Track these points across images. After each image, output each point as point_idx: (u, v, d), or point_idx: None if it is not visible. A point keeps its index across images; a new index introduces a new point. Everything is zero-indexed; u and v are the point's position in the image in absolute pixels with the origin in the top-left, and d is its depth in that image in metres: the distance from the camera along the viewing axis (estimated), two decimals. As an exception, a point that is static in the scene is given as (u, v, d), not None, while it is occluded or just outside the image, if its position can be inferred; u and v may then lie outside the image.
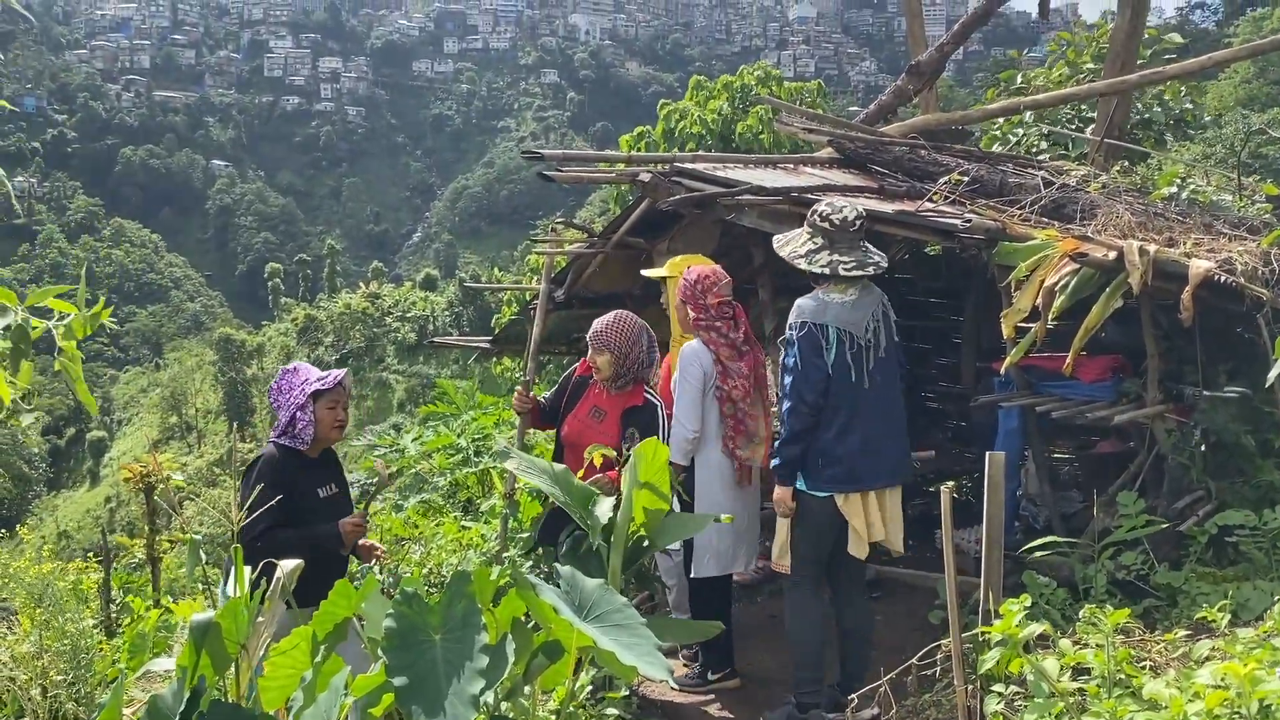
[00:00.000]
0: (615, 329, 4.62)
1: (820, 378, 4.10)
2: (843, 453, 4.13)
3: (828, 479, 4.17)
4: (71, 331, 2.30)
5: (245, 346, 59.59)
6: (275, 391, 4.05)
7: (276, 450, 4.00)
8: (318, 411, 3.98)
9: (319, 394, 3.97)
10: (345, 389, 4.09)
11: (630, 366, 4.64)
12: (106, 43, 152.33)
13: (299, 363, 4.17)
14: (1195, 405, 4.67)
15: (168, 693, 2.60)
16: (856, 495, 4.16)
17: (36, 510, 49.63)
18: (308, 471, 4.03)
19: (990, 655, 2.41)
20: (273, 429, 4.09)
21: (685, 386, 4.65)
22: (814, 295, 4.21)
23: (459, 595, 2.50)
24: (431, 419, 9.16)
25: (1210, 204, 5.80)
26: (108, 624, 6.31)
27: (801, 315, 4.16)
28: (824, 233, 4.20)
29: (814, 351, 4.10)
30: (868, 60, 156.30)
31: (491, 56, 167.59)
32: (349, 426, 4.26)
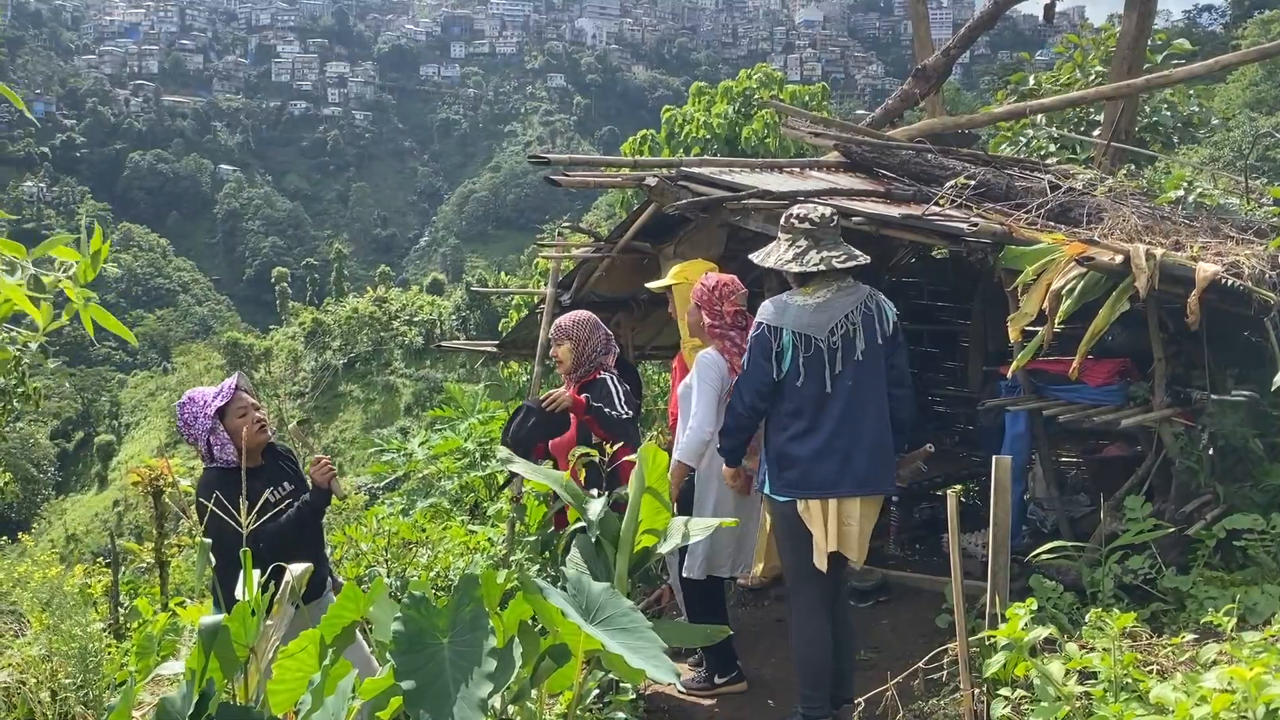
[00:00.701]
0: (573, 321, 5.02)
1: (765, 381, 4.06)
2: (799, 457, 4.05)
3: (785, 483, 4.11)
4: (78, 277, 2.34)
5: (253, 350, 59.59)
6: (183, 426, 3.96)
7: (212, 473, 3.91)
8: (230, 426, 3.90)
9: (222, 410, 3.90)
10: (245, 390, 4.01)
11: (589, 354, 4.96)
12: (115, 48, 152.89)
13: (190, 391, 4.04)
14: (1203, 409, 4.67)
15: (176, 696, 2.61)
16: (816, 502, 4.05)
17: (45, 513, 49.71)
18: (250, 483, 3.87)
19: (996, 659, 2.41)
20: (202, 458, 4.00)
21: (704, 389, 4.65)
22: (777, 298, 4.15)
23: (467, 599, 2.51)
24: (438, 423, 9.18)
25: (1217, 207, 5.79)
26: (116, 627, 6.33)
27: (760, 316, 4.12)
28: (805, 234, 4.10)
29: (763, 354, 4.05)
30: (874, 64, 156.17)
31: (498, 61, 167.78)
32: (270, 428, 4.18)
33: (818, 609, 4.20)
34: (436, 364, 52.30)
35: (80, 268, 2.33)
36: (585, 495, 3.84)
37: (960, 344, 7.86)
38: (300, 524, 3.96)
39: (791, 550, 4.21)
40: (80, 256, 2.36)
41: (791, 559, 4.23)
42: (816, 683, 4.18)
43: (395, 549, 6.06)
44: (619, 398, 4.87)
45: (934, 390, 8.08)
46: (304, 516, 3.95)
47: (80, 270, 2.33)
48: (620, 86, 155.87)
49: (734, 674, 4.96)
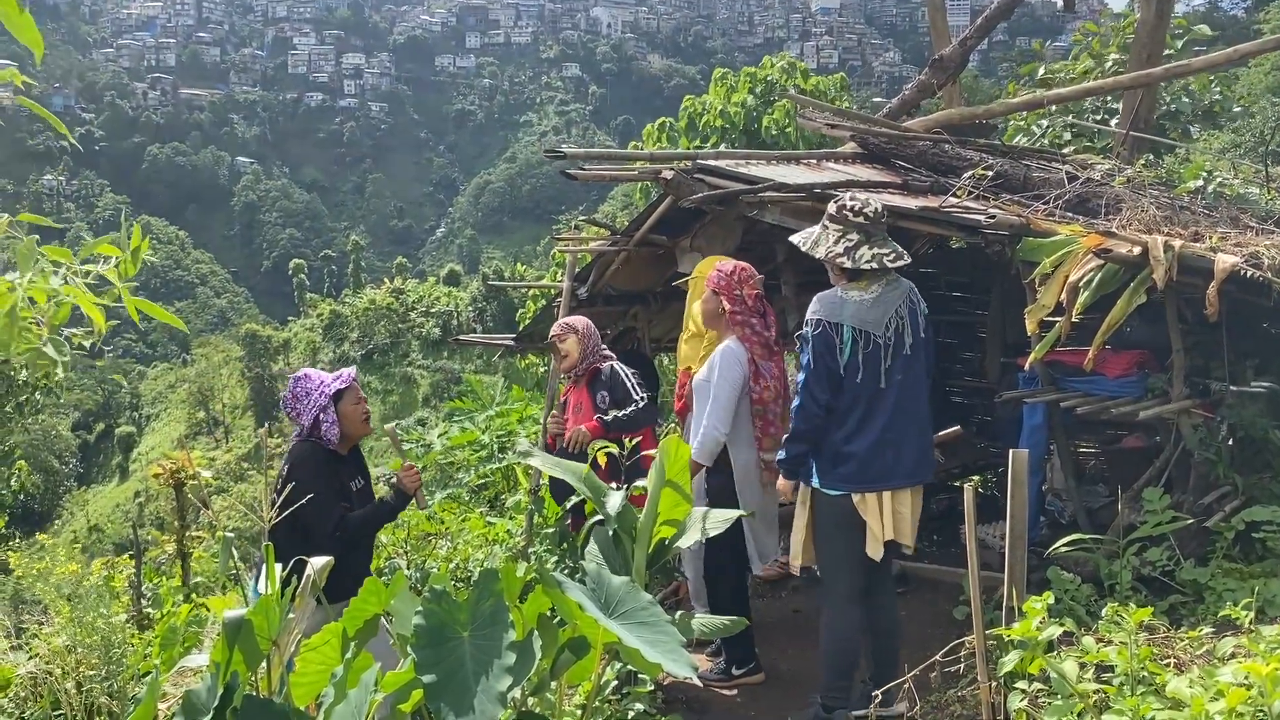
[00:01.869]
0: (577, 319, 5.32)
1: (833, 377, 4.04)
2: (856, 451, 4.06)
3: (841, 477, 4.10)
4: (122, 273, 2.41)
5: (271, 342, 59.96)
6: (292, 400, 4.06)
7: (308, 447, 4.03)
8: (342, 409, 4.03)
9: (339, 393, 4.03)
10: (358, 384, 4.17)
11: (592, 348, 5.21)
12: (133, 41, 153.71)
13: (306, 369, 4.20)
14: (1222, 400, 4.65)
15: (201, 688, 2.65)
16: (872, 495, 4.08)
17: (67, 504, 50.19)
18: (340, 467, 4.10)
19: (1010, 657, 2.42)
20: (295, 433, 4.11)
21: (723, 387, 4.67)
22: (832, 292, 4.12)
23: (487, 593, 2.53)
24: (456, 414, 9.21)
25: (1237, 197, 5.75)
26: (139, 618, 6.40)
27: (817, 313, 4.08)
28: (859, 227, 4.08)
29: (827, 350, 4.02)
30: (891, 51, 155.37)
31: (513, 51, 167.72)
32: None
33: (854, 600, 4.22)
34: (454, 355, 52.49)
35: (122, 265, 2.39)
36: (604, 488, 3.87)
37: (978, 335, 7.83)
38: (379, 522, 4.09)
39: (835, 542, 4.19)
40: (121, 252, 2.43)
41: (832, 550, 4.21)
42: (842, 674, 4.20)
43: (414, 540, 6.10)
44: (630, 381, 5.08)
45: (951, 381, 8.06)
46: (383, 515, 4.10)
47: (122, 266, 2.39)
48: (635, 76, 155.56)
49: (751, 665, 4.98)
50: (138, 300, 2.43)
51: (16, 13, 2.01)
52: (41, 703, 4.94)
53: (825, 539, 4.22)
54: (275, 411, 51.96)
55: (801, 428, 4.11)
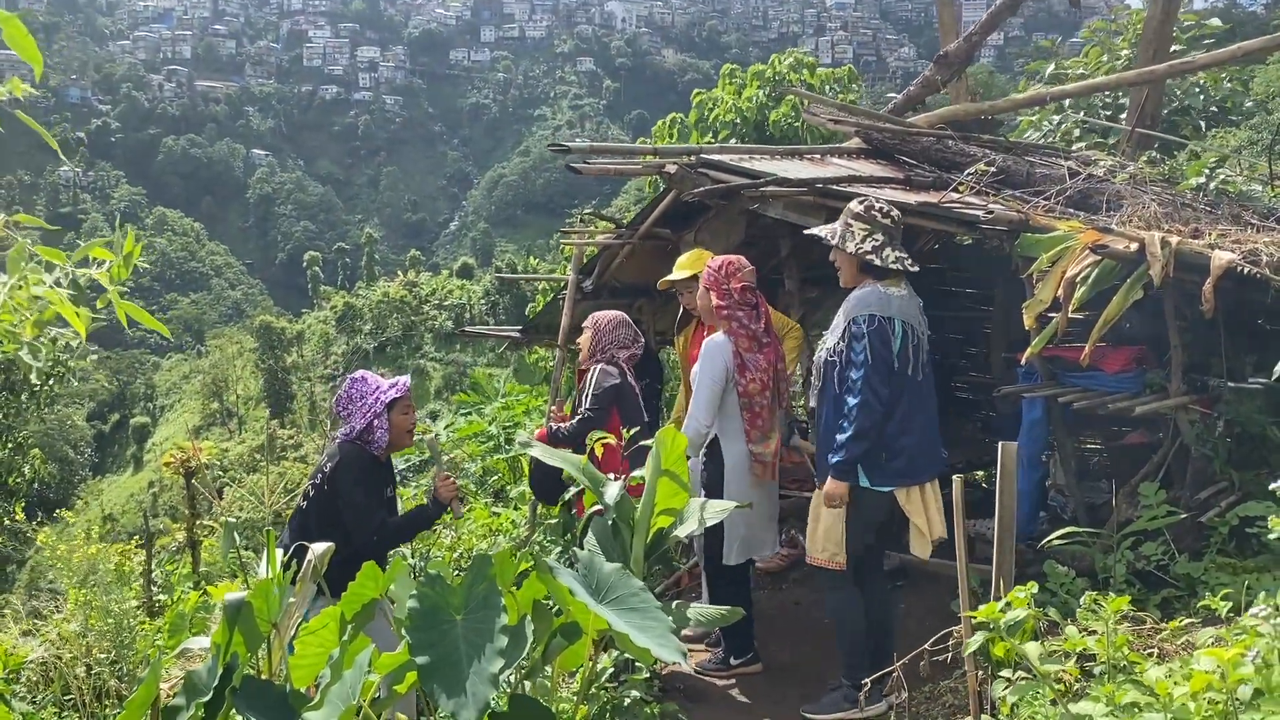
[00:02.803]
0: (600, 315, 5.33)
1: (890, 371, 4.11)
2: (905, 445, 4.16)
3: (891, 473, 4.18)
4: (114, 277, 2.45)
5: (285, 334, 60.18)
6: (346, 400, 4.11)
7: (354, 451, 4.07)
8: (393, 418, 4.08)
9: (393, 402, 4.07)
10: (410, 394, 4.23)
11: (602, 345, 5.21)
12: (149, 33, 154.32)
13: (364, 371, 4.24)
14: (1220, 396, 4.67)
15: (203, 669, 2.71)
16: (915, 490, 4.19)
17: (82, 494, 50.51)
18: (379, 473, 4.16)
19: (975, 639, 2.46)
20: (340, 433, 4.16)
21: (704, 381, 4.73)
22: (874, 289, 4.19)
23: (480, 577, 2.59)
24: (464, 407, 9.28)
25: (1240, 194, 5.76)
26: (149, 605, 6.48)
27: (869, 308, 4.15)
28: (885, 229, 4.22)
29: (884, 345, 4.10)
30: (906, 46, 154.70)
31: (528, 45, 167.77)
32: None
33: (857, 589, 4.37)
34: (466, 349, 52.61)
35: (114, 268, 2.43)
36: (603, 478, 3.92)
37: (983, 331, 7.85)
38: (415, 529, 4.16)
39: (863, 538, 4.30)
40: (114, 256, 2.47)
41: (859, 546, 4.30)
42: (863, 652, 4.32)
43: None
44: (591, 391, 5.09)
45: (956, 377, 8.09)
46: (419, 523, 4.16)
47: (114, 270, 2.44)
48: (650, 70, 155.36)
49: (749, 655, 5.02)
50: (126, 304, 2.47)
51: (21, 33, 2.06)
52: (52, 687, 5.02)
53: (856, 535, 4.28)
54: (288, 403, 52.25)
55: (866, 425, 4.12)
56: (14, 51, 2.14)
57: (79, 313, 2.36)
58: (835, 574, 4.35)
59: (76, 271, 2.44)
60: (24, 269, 2.26)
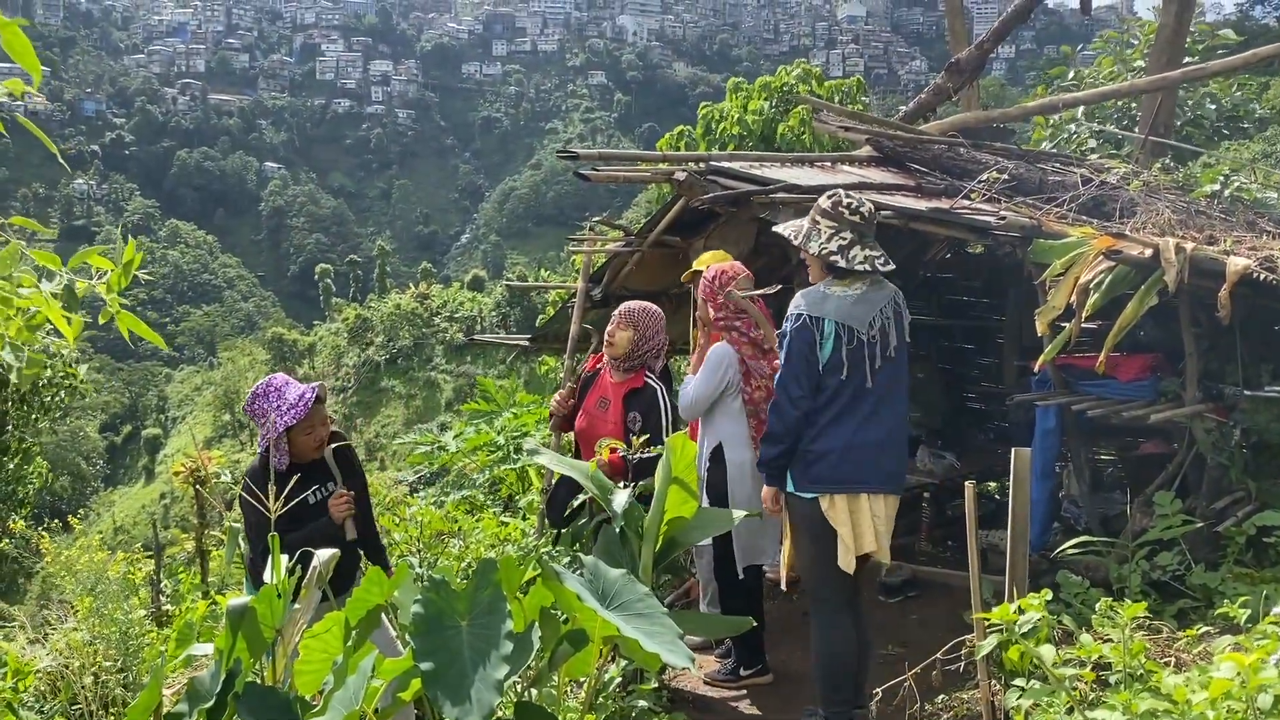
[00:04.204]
0: (644, 312, 4.88)
1: (810, 374, 3.88)
2: (829, 450, 3.90)
3: (812, 478, 3.94)
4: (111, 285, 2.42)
5: (297, 346, 60.35)
6: (250, 411, 3.97)
7: (260, 464, 3.93)
8: (293, 438, 3.92)
9: (290, 427, 3.89)
10: (320, 404, 4.01)
11: (645, 350, 4.84)
12: (163, 47, 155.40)
13: (272, 379, 4.02)
14: (1236, 405, 4.62)
15: (205, 675, 2.69)
16: (843, 499, 3.91)
17: (94, 505, 50.68)
18: (295, 480, 3.80)
19: (988, 641, 2.42)
20: (259, 438, 4.01)
21: (705, 372, 4.77)
22: (815, 289, 3.97)
23: (485, 582, 2.55)
24: (474, 417, 9.26)
25: (1255, 201, 5.71)
26: (157, 615, 6.46)
27: (797, 308, 3.92)
28: (853, 226, 3.91)
29: (806, 346, 3.87)
30: (918, 59, 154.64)
31: (539, 58, 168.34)
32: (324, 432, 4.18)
33: (842, 609, 4.07)
34: (477, 360, 52.64)
35: (113, 276, 2.41)
36: (611, 486, 3.88)
37: (995, 340, 7.81)
38: (310, 543, 3.97)
39: (814, 551, 4.02)
40: (112, 265, 2.44)
41: (812, 560, 4.05)
42: (840, 685, 4.04)
43: (428, 539, 6.13)
44: (666, 419, 4.72)
45: (968, 386, 8.04)
46: (313, 538, 3.94)
47: (113, 278, 2.41)
48: (661, 84, 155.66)
49: (759, 666, 4.97)
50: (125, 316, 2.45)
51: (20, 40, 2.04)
52: (60, 696, 5.00)
53: (803, 546, 4.06)
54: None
55: (777, 429, 3.94)
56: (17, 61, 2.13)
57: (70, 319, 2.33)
58: (812, 595, 4.17)
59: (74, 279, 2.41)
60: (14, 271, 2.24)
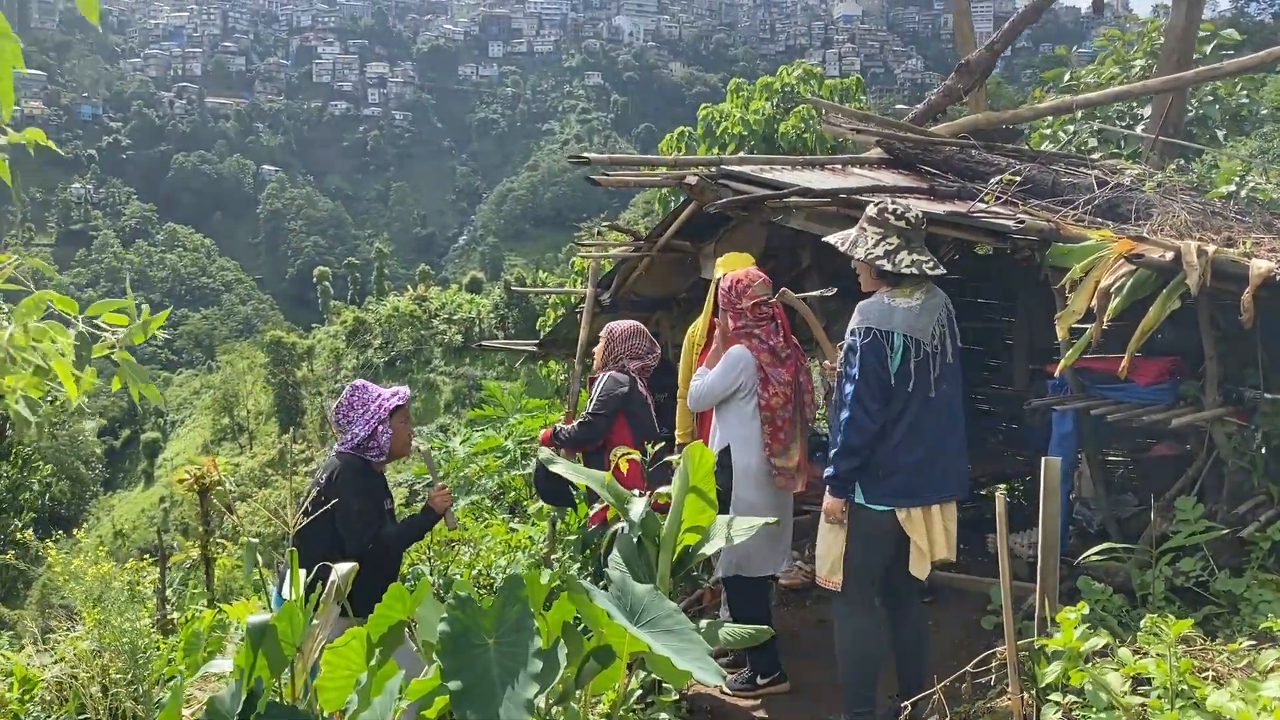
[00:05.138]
0: (616, 325, 5.38)
1: (884, 387, 3.90)
2: (905, 464, 3.94)
3: (888, 492, 3.96)
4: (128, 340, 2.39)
5: (295, 349, 60.28)
6: (347, 408, 4.12)
7: (356, 463, 4.08)
8: (394, 427, 4.10)
9: (394, 410, 4.10)
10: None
11: (614, 354, 5.28)
12: (160, 51, 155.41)
13: (362, 380, 4.26)
14: (1256, 408, 4.57)
15: (225, 694, 2.63)
16: (919, 510, 3.97)
17: (93, 510, 50.57)
18: (376, 483, 4.15)
19: (1052, 669, 2.37)
20: (341, 443, 4.15)
21: (720, 369, 4.78)
22: (878, 299, 3.98)
23: (513, 600, 2.51)
24: (479, 423, 9.20)
25: (1270, 202, 5.67)
26: (163, 623, 6.42)
27: (866, 320, 3.93)
28: (900, 231, 3.95)
29: (879, 360, 3.88)
30: (914, 58, 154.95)
31: (536, 60, 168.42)
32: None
33: (871, 612, 4.12)
34: (476, 362, 52.62)
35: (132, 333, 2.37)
36: (627, 494, 3.84)
37: (1005, 342, 7.76)
38: (409, 539, 4.17)
39: (866, 556, 4.07)
40: (126, 320, 2.41)
41: (861, 565, 4.08)
42: (864, 689, 4.08)
43: (438, 546, 6.09)
44: (596, 398, 5.18)
45: (978, 388, 7.99)
46: (413, 533, 4.18)
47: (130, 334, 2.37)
48: (657, 84, 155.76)
49: (776, 674, 4.93)
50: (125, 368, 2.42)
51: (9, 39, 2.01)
52: (67, 706, 4.95)
53: (856, 553, 4.08)
54: (299, 418, 52.24)
55: (854, 442, 3.92)
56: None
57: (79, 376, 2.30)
58: (842, 595, 4.15)
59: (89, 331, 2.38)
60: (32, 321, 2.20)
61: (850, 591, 4.14)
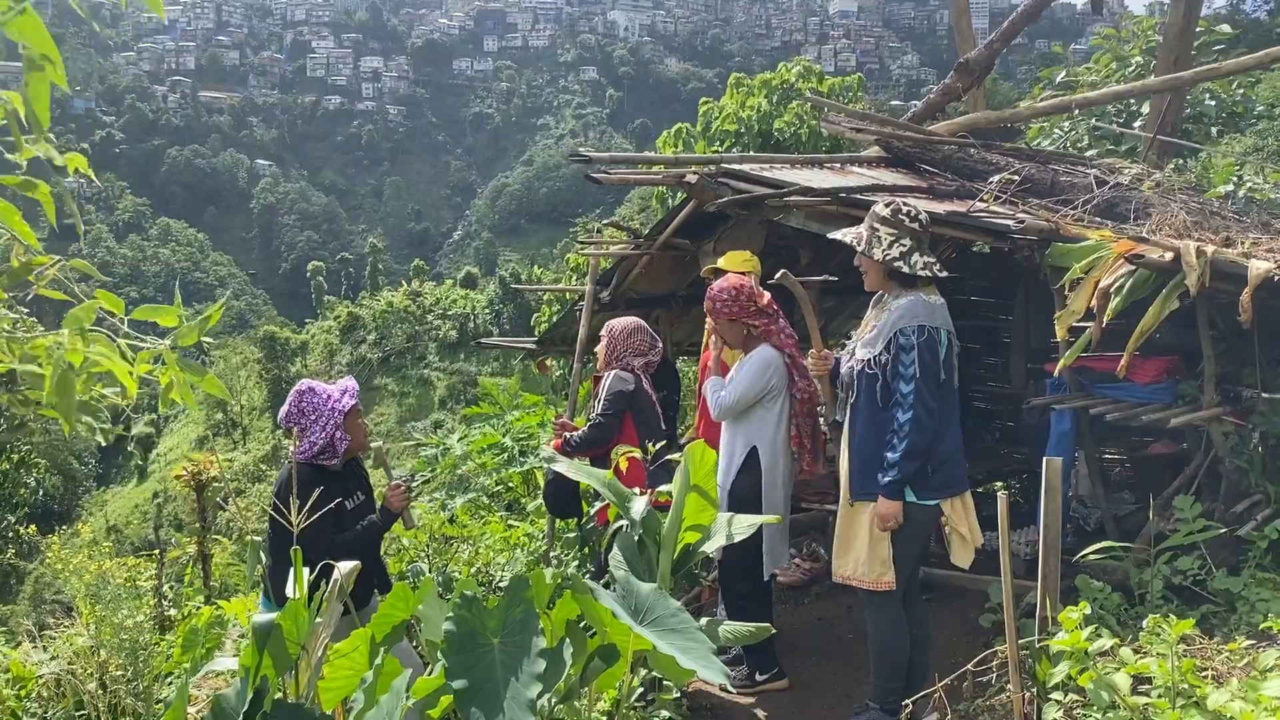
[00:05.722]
0: (616, 323, 5.29)
1: (937, 384, 3.94)
2: (946, 455, 4.00)
3: (936, 485, 4.00)
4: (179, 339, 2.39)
5: (289, 344, 60.21)
6: (298, 415, 3.98)
7: (309, 470, 3.95)
8: (350, 428, 3.98)
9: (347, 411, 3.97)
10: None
11: (617, 353, 5.19)
12: (153, 45, 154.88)
13: (308, 381, 4.10)
14: (1253, 407, 4.59)
15: (231, 692, 2.64)
16: (959, 499, 4.04)
17: (86, 505, 50.47)
18: (335, 485, 3.99)
19: (1060, 669, 2.39)
20: (298, 450, 4.00)
21: (747, 378, 4.71)
22: (918, 299, 3.99)
23: (518, 599, 2.52)
24: (476, 420, 9.18)
25: (1268, 202, 5.69)
26: (161, 619, 6.41)
27: (918, 319, 3.93)
28: (912, 234, 4.00)
29: (933, 357, 3.92)
30: (909, 54, 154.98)
31: (531, 54, 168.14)
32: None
33: (898, 605, 4.18)
34: (470, 358, 52.60)
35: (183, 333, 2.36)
36: (628, 493, 3.85)
37: (1002, 340, 7.78)
38: (366, 541, 4.04)
39: (907, 554, 4.10)
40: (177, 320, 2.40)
41: (902, 562, 4.10)
42: (897, 676, 4.12)
43: (436, 544, 6.10)
44: (603, 398, 5.06)
45: (975, 386, 8.01)
46: (370, 535, 4.04)
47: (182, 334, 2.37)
48: (653, 79, 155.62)
49: (774, 671, 4.95)
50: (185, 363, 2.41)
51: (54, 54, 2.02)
52: (64, 702, 4.95)
53: (905, 551, 4.09)
54: (293, 413, 52.05)
55: (920, 444, 3.91)
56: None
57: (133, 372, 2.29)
58: (883, 594, 4.12)
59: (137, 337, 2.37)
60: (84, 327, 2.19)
61: (895, 591, 4.14)
